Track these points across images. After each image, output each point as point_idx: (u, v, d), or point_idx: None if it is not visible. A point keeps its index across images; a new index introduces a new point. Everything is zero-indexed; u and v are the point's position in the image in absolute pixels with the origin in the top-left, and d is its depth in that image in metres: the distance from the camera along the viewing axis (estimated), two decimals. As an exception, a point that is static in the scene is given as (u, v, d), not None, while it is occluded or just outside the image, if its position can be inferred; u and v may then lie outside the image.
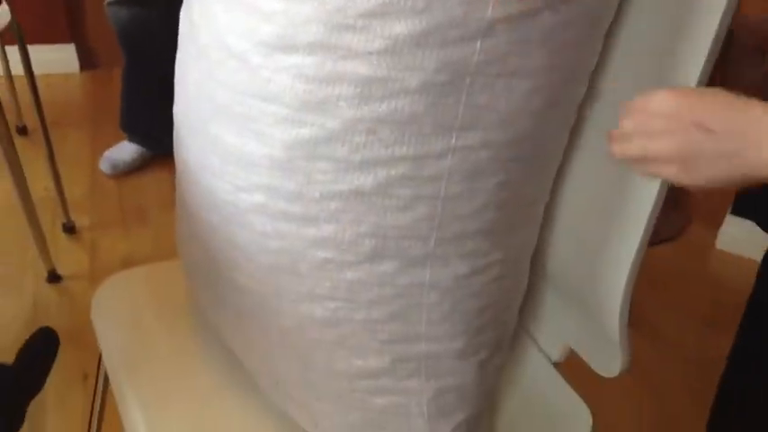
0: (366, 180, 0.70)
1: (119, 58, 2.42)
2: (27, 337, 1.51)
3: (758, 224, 1.16)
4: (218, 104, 0.76)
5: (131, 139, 2.51)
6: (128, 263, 2.08)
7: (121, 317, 1.08)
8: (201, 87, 0.78)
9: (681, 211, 2.52)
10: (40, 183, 2.29)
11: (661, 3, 0.74)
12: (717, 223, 2.37)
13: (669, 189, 0.76)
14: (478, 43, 0.64)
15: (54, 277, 2.03)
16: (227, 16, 0.73)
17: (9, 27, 2.11)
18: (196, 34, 0.78)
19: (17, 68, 2.22)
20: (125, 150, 2.50)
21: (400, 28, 0.64)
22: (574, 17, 0.68)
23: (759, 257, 1.15)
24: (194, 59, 0.79)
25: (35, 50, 2.16)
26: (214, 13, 0.75)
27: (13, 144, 1.82)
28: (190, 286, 1.01)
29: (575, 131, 0.82)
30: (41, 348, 1.49)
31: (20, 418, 1.32)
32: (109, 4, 2.28)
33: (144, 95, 2.43)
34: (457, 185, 0.71)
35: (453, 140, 0.68)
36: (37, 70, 2.09)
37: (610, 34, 0.77)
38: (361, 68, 0.65)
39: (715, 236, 2.37)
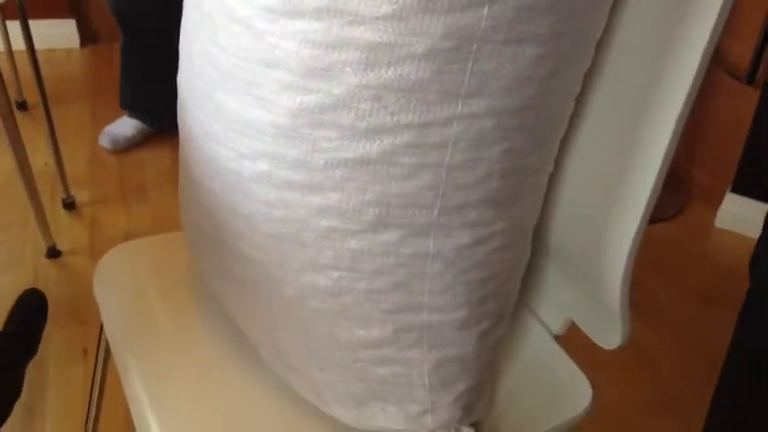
0: (371, 148, 0.70)
1: (119, 34, 2.41)
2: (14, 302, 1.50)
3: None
4: (222, 70, 0.75)
5: (131, 115, 2.51)
6: (127, 238, 2.07)
7: (123, 288, 1.08)
8: (205, 53, 0.78)
9: (680, 190, 2.53)
10: (40, 158, 2.29)
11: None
12: (716, 201, 2.38)
13: (669, 167, 0.76)
14: (486, 9, 0.64)
15: (54, 252, 2.03)
16: None
17: (10, 1, 2.10)
18: (200, 0, 0.78)
19: (18, 43, 2.22)
20: (125, 126, 2.50)
21: (407, -8, 0.63)
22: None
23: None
24: (198, 26, 0.79)
25: (36, 25, 2.16)
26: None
27: (13, 119, 1.82)
28: (193, 256, 1.01)
29: (579, 102, 0.82)
30: (30, 310, 1.47)
31: (18, 383, 1.31)
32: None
33: (141, 71, 2.43)
34: (462, 153, 0.71)
35: (459, 108, 0.68)
36: (38, 45, 2.08)
37: (615, 10, 0.77)
38: (367, 34, 0.65)
39: (714, 214, 2.37)
